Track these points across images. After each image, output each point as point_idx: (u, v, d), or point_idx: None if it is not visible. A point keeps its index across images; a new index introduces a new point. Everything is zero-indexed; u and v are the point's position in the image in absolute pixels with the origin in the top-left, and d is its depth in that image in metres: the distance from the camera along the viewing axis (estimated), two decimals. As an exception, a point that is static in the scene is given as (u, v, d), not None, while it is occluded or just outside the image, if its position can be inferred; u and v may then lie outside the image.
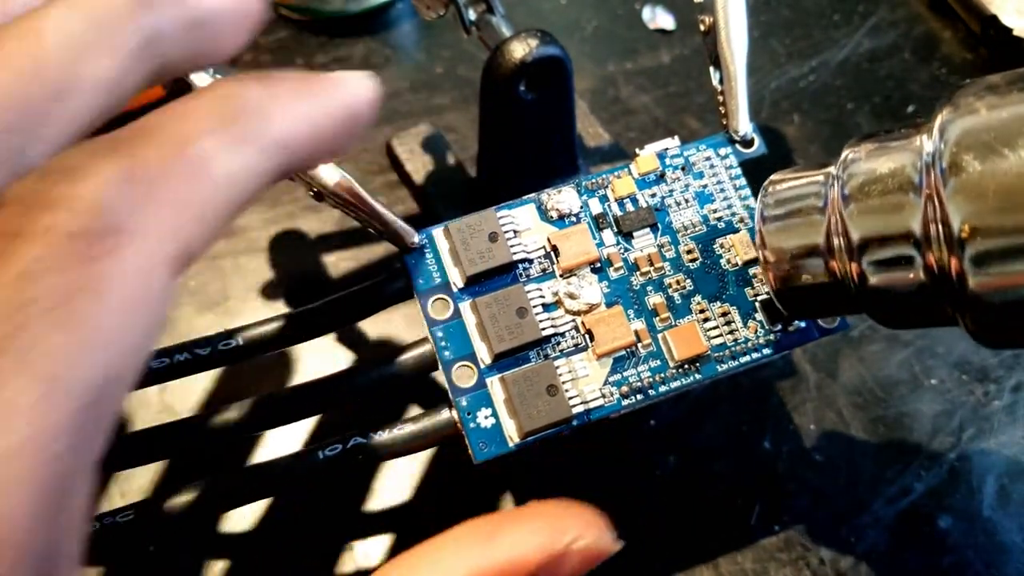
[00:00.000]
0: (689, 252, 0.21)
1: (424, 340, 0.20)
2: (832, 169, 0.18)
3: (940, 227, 0.15)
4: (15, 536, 0.10)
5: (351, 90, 0.16)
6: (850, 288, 0.17)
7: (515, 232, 0.20)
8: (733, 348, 0.20)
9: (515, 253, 0.20)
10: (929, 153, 0.15)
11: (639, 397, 0.20)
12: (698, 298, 0.21)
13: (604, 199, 0.21)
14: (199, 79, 0.20)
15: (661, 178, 0.22)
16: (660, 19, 0.37)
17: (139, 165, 0.11)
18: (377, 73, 0.39)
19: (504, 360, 0.19)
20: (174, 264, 0.11)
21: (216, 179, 0.12)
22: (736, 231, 0.22)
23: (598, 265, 0.21)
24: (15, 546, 0.10)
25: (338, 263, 0.31)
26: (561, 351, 0.20)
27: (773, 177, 0.20)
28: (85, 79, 0.13)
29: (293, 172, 0.15)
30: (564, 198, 0.21)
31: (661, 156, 0.22)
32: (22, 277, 0.10)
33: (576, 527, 0.16)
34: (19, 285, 0.10)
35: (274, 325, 0.20)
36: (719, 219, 0.22)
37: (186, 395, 0.23)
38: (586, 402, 0.19)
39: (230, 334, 0.20)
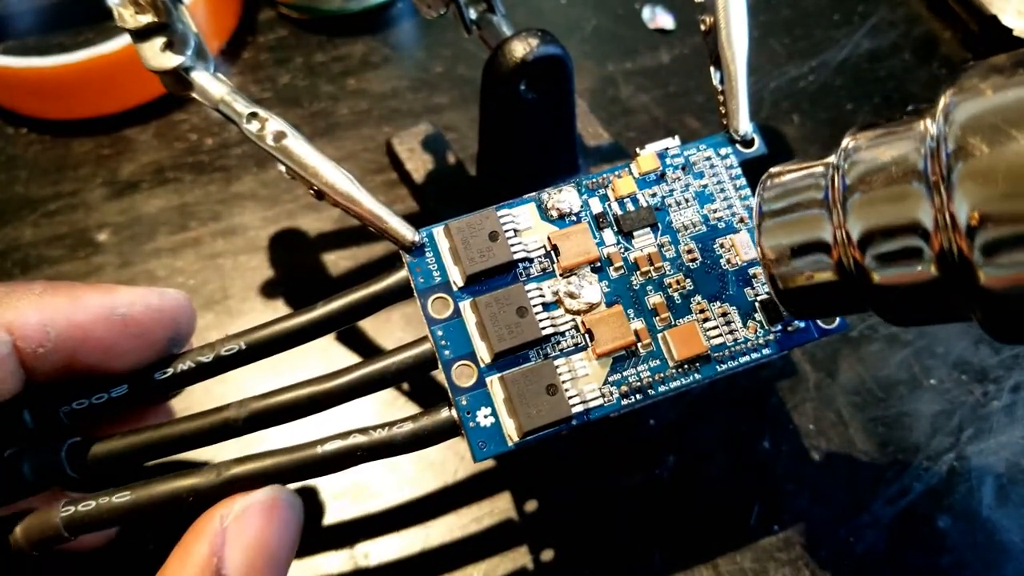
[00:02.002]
0: (689, 252, 0.21)
1: (424, 339, 0.20)
2: (832, 159, 0.17)
3: (948, 215, 0.14)
4: None
5: (123, 298, 0.20)
6: (854, 284, 0.16)
7: (515, 231, 0.20)
8: (733, 348, 0.20)
9: (515, 252, 0.20)
10: (933, 138, 0.14)
11: (638, 397, 0.20)
12: (698, 298, 0.21)
13: (604, 198, 0.21)
14: (200, 77, 0.20)
15: (661, 178, 0.22)
16: (660, 19, 0.37)
17: None
18: (377, 72, 0.39)
19: (504, 359, 0.19)
20: None
21: None
22: (736, 231, 0.22)
23: (598, 264, 0.21)
24: None
25: (338, 262, 0.31)
26: (561, 350, 0.20)
27: (771, 170, 0.19)
28: None
29: (50, 359, 0.19)
30: (564, 197, 0.21)
31: (662, 156, 0.22)
32: None
33: (222, 507, 0.18)
34: None
35: (276, 328, 0.20)
36: (719, 219, 0.22)
37: (183, 394, 0.23)
38: (585, 402, 0.19)
39: (233, 339, 0.20)
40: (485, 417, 0.19)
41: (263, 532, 0.18)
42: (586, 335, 0.20)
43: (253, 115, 0.20)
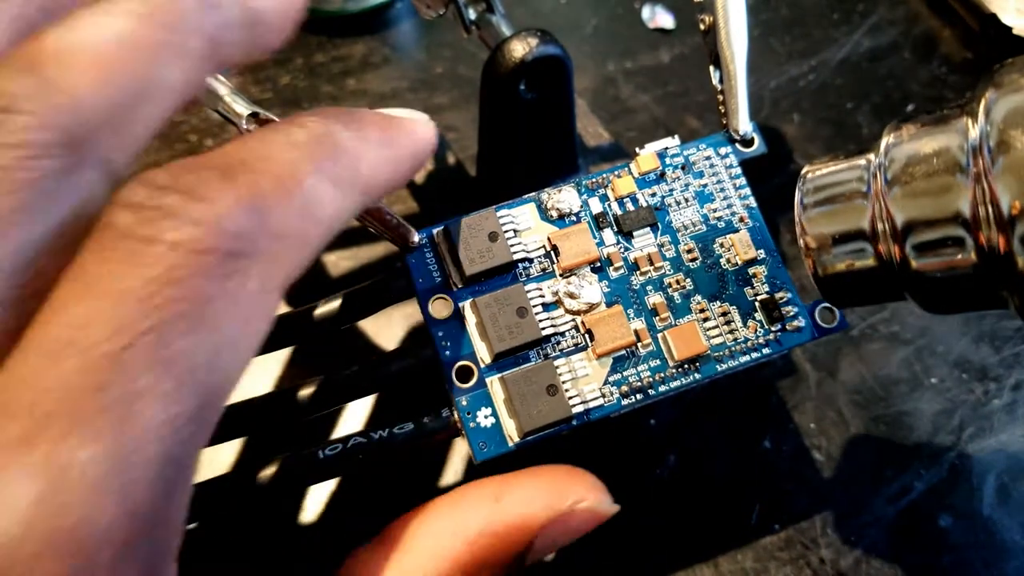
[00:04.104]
0: (689, 251, 0.21)
1: (424, 339, 0.20)
2: (872, 155, 0.18)
3: (989, 207, 0.14)
4: (137, 509, 0.10)
5: (420, 135, 0.17)
6: (894, 272, 0.17)
7: (515, 231, 0.20)
8: (733, 347, 0.20)
9: (515, 252, 0.20)
10: (975, 133, 0.15)
11: (639, 397, 0.20)
12: (698, 298, 0.21)
13: (604, 198, 0.21)
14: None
15: (661, 177, 0.22)
16: (660, 18, 0.37)
17: (258, 197, 0.12)
18: (377, 72, 0.39)
19: (504, 360, 0.19)
20: (282, 289, 0.13)
21: (321, 219, 0.13)
22: (736, 231, 0.22)
23: (598, 264, 0.21)
24: (135, 519, 0.10)
25: (338, 262, 0.31)
26: (561, 351, 0.20)
27: (808, 166, 0.20)
28: (161, 84, 0.13)
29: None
30: (564, 197, 0.21)
31: (661, 155, 0.22)
32: (157, 281, 0.11)
33: (580, 490, 0.17)
34: (154, 289, 0.11)
35: (274, 328, 0.20)
36: (719, 219, 0.22)
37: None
38: (586, 402, 0.19)
39: None
40: (485, 418, 0.19)
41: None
42: (586, 335, 0.20)
43: (253, 116, 0.20)
